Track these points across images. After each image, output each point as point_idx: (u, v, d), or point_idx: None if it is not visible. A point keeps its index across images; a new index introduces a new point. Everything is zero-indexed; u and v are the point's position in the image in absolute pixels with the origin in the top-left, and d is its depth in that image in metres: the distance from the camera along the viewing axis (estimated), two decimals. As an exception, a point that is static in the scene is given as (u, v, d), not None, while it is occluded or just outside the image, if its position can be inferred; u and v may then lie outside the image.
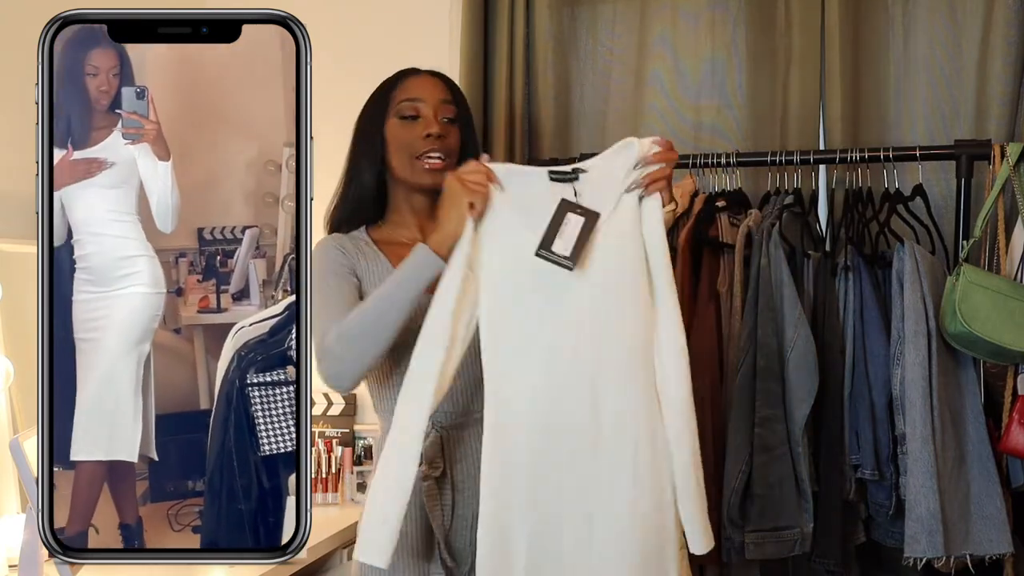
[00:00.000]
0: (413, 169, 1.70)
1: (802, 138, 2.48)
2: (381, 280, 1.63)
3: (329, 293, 1.60)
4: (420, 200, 1.74)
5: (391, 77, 1.78)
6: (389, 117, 1.73)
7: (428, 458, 1.59)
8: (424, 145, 1.68)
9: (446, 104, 1.73)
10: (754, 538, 2.06)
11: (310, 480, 0.68)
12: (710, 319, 2.16)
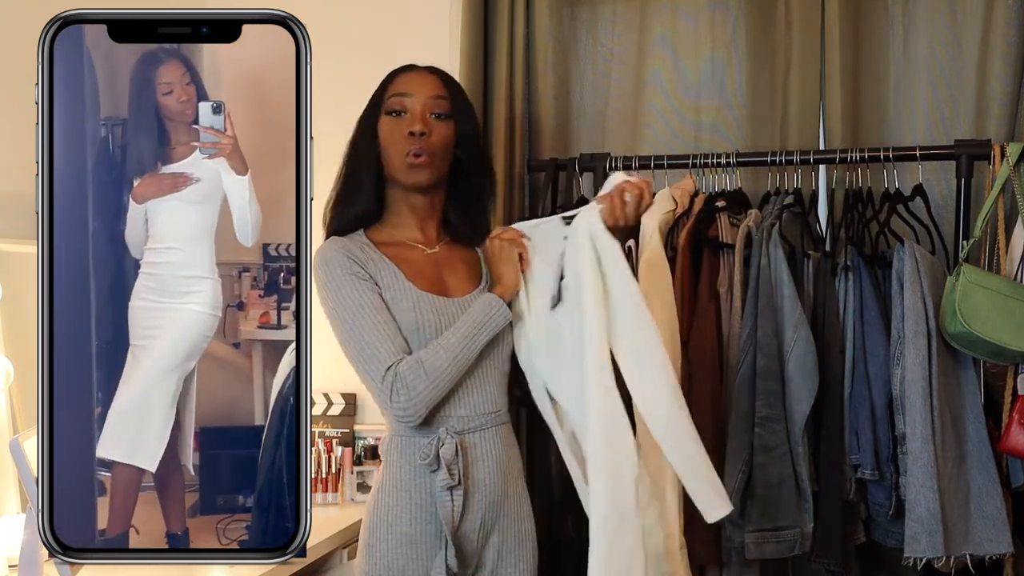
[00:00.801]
0: (400, 167, 1.67)
1: (802, 138, 2.48)
2: (387, 286, 1.63)
3: (367, 313, 1.59)
4: (418, 199, 1.72)
5: (389, 73, 1.75)
6: (381, 114, 1.70)
7: (446, 464, 1.59)
8: (407, 142, 1.65)
9: (437, 99, 1.68)
10: (754, 538, 2.06)
11: (310, 480, 0.68)
12: (710, 319, 2.16)
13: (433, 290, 1.66)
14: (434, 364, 1.55)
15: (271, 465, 0.69)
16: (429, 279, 1.68)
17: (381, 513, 1.64)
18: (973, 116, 2.44)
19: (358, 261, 1.63)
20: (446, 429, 1.60)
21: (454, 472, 1.59)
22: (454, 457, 1.59)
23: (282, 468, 0.68)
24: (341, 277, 1.61)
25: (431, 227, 1.74)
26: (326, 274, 1.62)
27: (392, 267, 1.66)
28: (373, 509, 1.66)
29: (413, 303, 1.62)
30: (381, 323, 1.58)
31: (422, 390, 1.55)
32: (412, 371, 1.54)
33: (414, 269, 1.67)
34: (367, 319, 1.58)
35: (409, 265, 1.68)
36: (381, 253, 1.68)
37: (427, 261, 1.70)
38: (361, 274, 1.62)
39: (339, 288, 1.60)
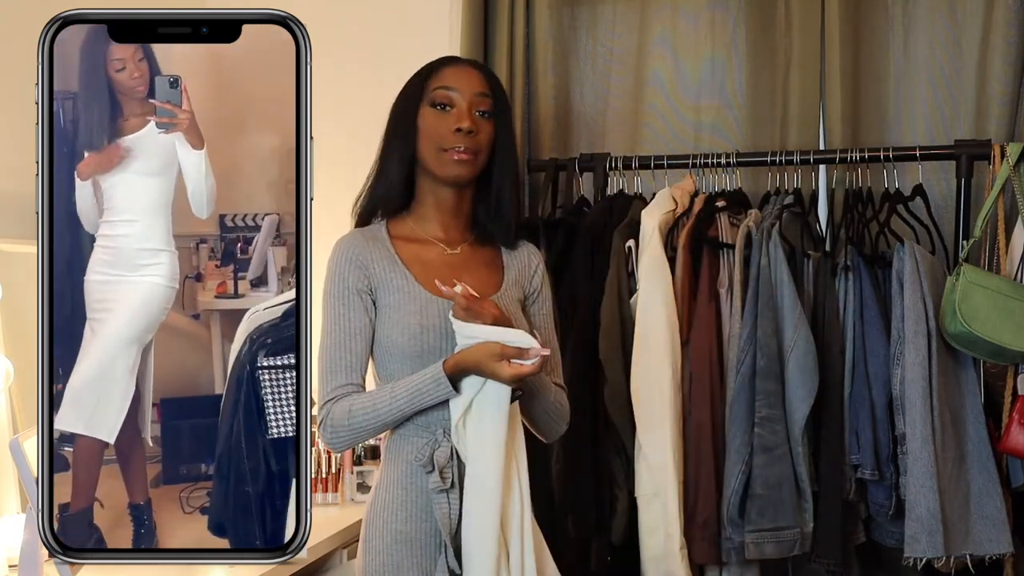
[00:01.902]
0: (439, 160, 1.65)
1: (802, 138, 2.48)
2: (395, 288, 1.63)
3: (341, 336, 1.61)
4: (446, 194, 1.69)
5: (428, 64, 1.72)
6: (423, 105, 1.67)
7: (440, 468, 1.59)
8: (454, 139, 1.63)
9: (482, 97, 1.67)
10: (754, 538, 2.06)
11: (310, 480, 0.68)
12: (710, 319, 2.16)
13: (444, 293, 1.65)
14: (361, 420, 1.57)
15: (230, 432, 0.70)
16: (443, 281, 1.67)
17: (378, 510, 1.64)
18: (973, 116, 2.45)
19: (364, 268, 1.64)
20: (444, 431, 1.60)
21: (447, 476, 1.58)
22: (448, 460, 1.59)
23: (240, 434, 0.68)
24: (338, 287, 1.63)
25: (456, 225, 1.72)
26: (328, 275, 1.65)
27: (403, 269, 1.65)
28: (371, 507, 1.66)
29: (420, 306, 1.62)
30: (348, 351, 1.61)
31: (343, 436, 1.59)
32: (340, 416, 1.58)
33: (427, 270, 1.66)
34: (338, 341, 1.61)
35: (423, 266, 1.67)
36: (395, 252, 1.67)
37: (444, 262, 1.69)
38: (358, 287, 1.63)
39: (330, 296, 1.63)
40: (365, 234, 1.69)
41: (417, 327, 1.60)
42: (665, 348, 2.12)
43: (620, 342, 2.20)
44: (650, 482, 2.13)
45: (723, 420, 2.14)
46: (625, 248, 2.26)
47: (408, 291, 1.63)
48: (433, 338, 1.60)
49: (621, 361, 2.19)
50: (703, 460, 2.12)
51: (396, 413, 1.56)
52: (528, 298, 1.77)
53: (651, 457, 2.12)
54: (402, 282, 1.64)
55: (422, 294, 1.63)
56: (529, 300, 1.78)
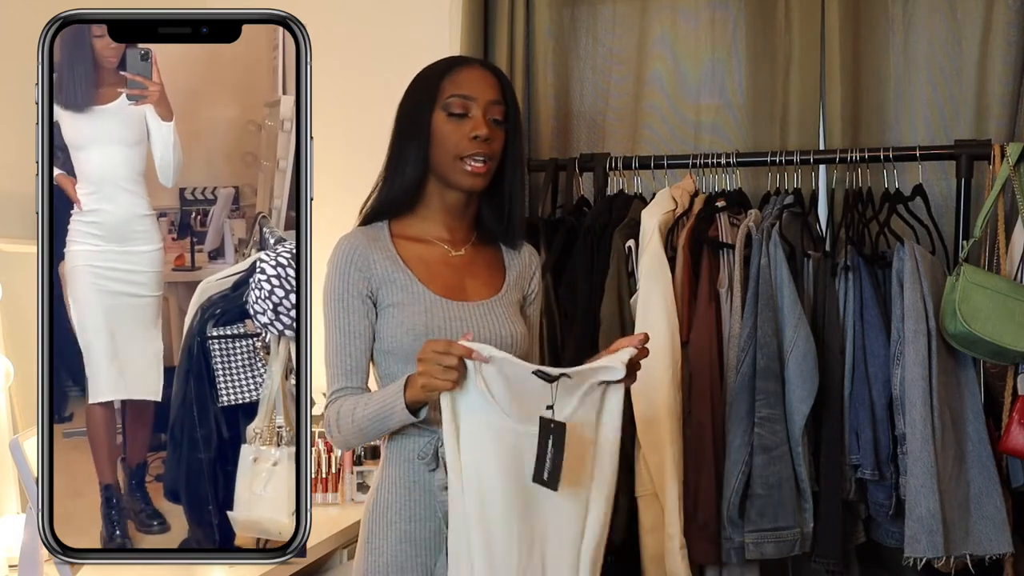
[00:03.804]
0: (453, 168, 1.63)
1: (802, 138, 2.49)
2: (398, 288, 1.62)
3: (342, 337, 1.62)
4: (455, 198, 1.68)
5: (439, 64, 1.69)
6: (436, 110, 1.65)
7: (444, 464, 1.58)
8: (470, 147, 1.62)
9: (496, 105, 1.65)
10: (754, 538, 2.06)
11: (310, 480, 0.69)
12: (710, 319, 2.16)
13: (449, 294, 1.65)
14: (347, 428, 1.58)
15: (183, 401, 0.70)
16: (445, 282, 1.66)
17: (380, 510, 1.64)
18: (973, 116, 2.45)
19: (365, 269, 1.63)
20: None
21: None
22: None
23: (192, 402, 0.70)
24: (339, 290, 1.62)
25: (460, 227, 1.72)
26: (328, 276, 1.64)
27: (405, 270, 1.64)
28: (372, 507, 1.66)
29: (425, 307, 1.62)
30: (347, 354, 1.62)
31: (337, 439, 1.61)
32: (333, 420, 1.60)
33: (430, 272, 1.66)
34: (338, 344, 1.62)
35: (425, 267, 1.66)
36: (397, 252, 1.66)
37: (447, 263, 1.68)
38: (359, 290, 1.62)
39: (330, 298, 1.63)
40: (367, 233, 1.68)
41: (423, 328, 1.60)
42: (665, 348, 2.12)
43: (620, 342, 2.20)
44: (650, 482, 2.14)
45: (723, 420, 2.14)
46: (625, 248, 2.26)
47: (412, 291, 1.63)
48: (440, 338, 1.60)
49: (621, 361, 2.19)
50: (703, 460, 2.12)
51: (369, 425, 1.56)
52: (526, 299, 1.78)
53: (651, 457, 2.13)
54: (406, 282, 1.63)
55: (426, 294, 1.63)
56: (527, 302, 1.78)
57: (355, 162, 2.29)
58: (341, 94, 2.70)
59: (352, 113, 2.67)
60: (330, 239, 1.66)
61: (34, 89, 0.65)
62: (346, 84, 2.72)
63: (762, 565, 2.15)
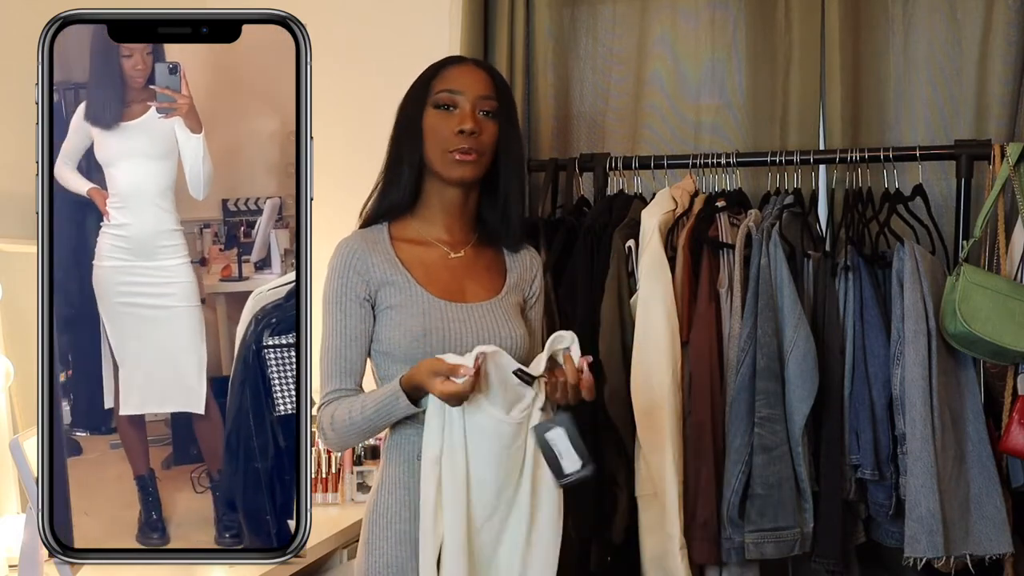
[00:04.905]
0: (444, 161, 1.64)
1: (802, 138, 2.49)
2: (397, 291, 1.63)
3: (338, 340, 1.63)
4: (452, 196, 1.69)
5: (433, 65, 1.71)
6: (427, 107, 1.67)
7: None
8: (457, 140, 1.63)
9: (486, 100, 1.66)
10: (754, 538, 2.06)
11: (310, 480, 0.69)
12: (710, 319, 2.16)
13: (447, 296, 1.65)
14: (340, 427, 1.59)
15: (239, 410, 0.71)
16: (444, 284, 1.66)
17: (381, 511, 1.64)
18: (973, 116, 2.45)
19: (363, 273, 1.63)
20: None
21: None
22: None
23: (249, 411, 0.70)
24: (337, 293, 1.64)
25: (460, 227, 1.72)
26: (328, 279, 1.65)
27: (404, 272, 1.65)
28: (373, 507, 1.66)
29: (423, 309, 1.62)
30: (343, 356, 1.63)
31: (332, 440, 1.63)
32: (327, 421, 1.61)
33: (428, 273, 1.66)
34: (334, 346, 1.63)
35: (424, 269, 1.67)
36: (396, 254, 1.67)
37: (446, 265, 1.69)
38: (356, 293, 1.63)
39: (329, 301, 1.65)
40: (366, 236, 1.68)
41: (420, 330, 1.60)
42: (665, 348, 2.12)
43: (620, 342, 2.20)
44: (650, 482, 2.13)
45: (723, 420, 2.14)
46: (625, 248, 2.26)
47: (410, 294, 1.63)
48: (436, 341, 1.60)
49: (621, 361, 2.19)
50: (703, 460, 2.12)
51: (368, 424, 1.57)
52: (527, 302, 1.78)
53: (651, 457, 2.12)
54: (404, 285, 1.64)
55: (424, 296, 1.63)
56: (528, 304, 1.78)
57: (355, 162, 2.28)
58: (341, 94, 2.70)
59: (352, 113, 2.67)
60: (330, 239, 1.66)
61: (34, 89, 0.65)
62: (346, 84, 2.72)
63: (762, 565, 2.15)
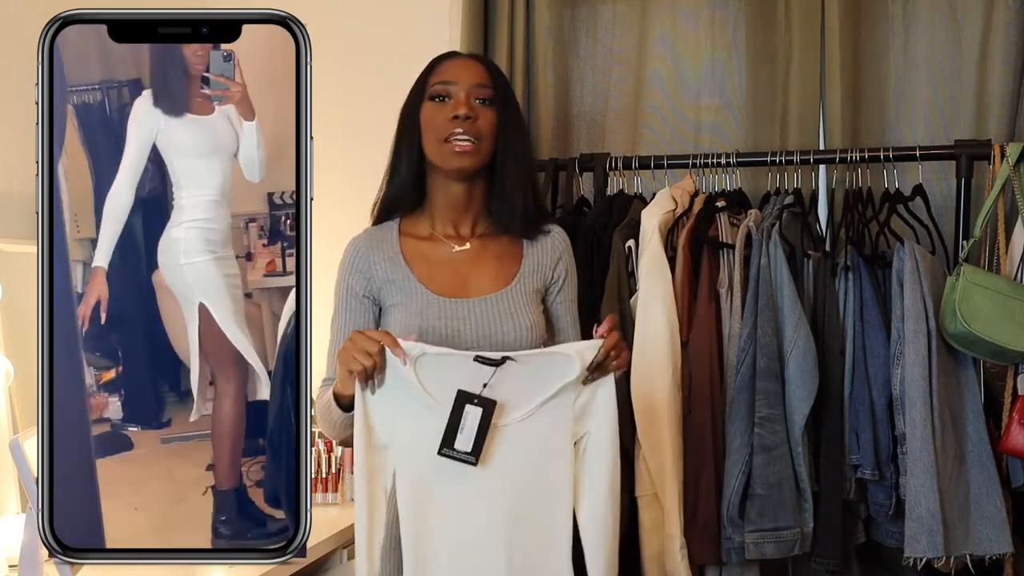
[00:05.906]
0: (441, 152, 1.64)
1: (802, 138, 2.49)
2: (398, 288, 1.64)
3: (336, 331, 1.68)
4: (456, 189, 1.68)
5: (430, 62, 1.72)
6: (424, 101, 1.67)
7: None
8: (451, 126, 1.62)
9: (481, 88, 1.65)
10: (754, 538, 2.06)
11: (310, 480, 0.69)
12: (710, 319, 2.16)
13: (447, 292, 1.65)
14: (321, 416, 1.62)
15: (280, 406, 0.71)
16: (446, 281, 1.66)
17: (381, 512, 1.64)
18: (973, 116, 2.45)
19: (366, 272, 1.67)
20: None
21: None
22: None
23: (290, 409, 0.70)
24: (342, 290, 1.69)
25: (466, 221, 1.71)
26: (338, 277, 1.71)
27: (405, 270, 1.66)
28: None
29: (421, 308, 1.62)
30: (333, 351, 1.67)
31: (321, 426, 1.64)
32: (317, 403, 1.64)
33: (431, 270, 1.67)
34: (334, 337, 1.69)
35: (426, 265, 1.67)
36: (401, 251, 1.68)
37: (450, 260, 1.68)
38: (359, 291, 1.67)
39: (336, 296, 1.71)
40: (374, 234, 1.71)
41: (417, 327, 1.60)
42: (665, 348, 2.12)
43: (620, 342, 2.20)
44: (650, 482, 2.14)
45: (723, 420, 2.14)
46: (625, 248, 2.26)
47: (410, 292, 1.64)
48: (433, 340, 1.60)
49: (621, 361, 2.19)
50: (703, 460, 2.12)
51: (322, 413, 1.60)
52: (550, 288, 1.74)
53: (651, 457, 2.13)
54: (404, 283, 1.64)
55: (424, 294, 1.63)
56: (552, 290, 1.74)
57: (355, 162, 2.29)
58: (341, 94, 2.70)
59: (352, 113, 2.67)
60: (330, 239, 1.66)
61: (34, 89, 0.65)
62: (346, 84, 2.72)
63: (762, 565, 2.15)
